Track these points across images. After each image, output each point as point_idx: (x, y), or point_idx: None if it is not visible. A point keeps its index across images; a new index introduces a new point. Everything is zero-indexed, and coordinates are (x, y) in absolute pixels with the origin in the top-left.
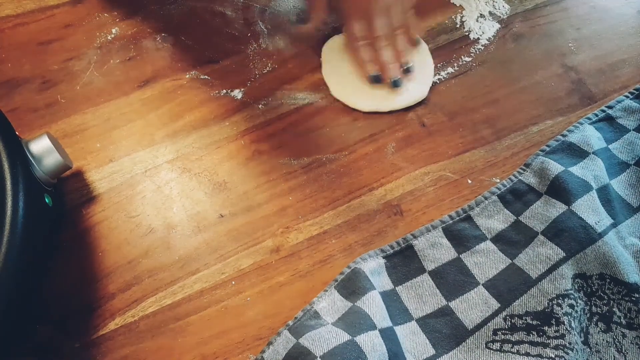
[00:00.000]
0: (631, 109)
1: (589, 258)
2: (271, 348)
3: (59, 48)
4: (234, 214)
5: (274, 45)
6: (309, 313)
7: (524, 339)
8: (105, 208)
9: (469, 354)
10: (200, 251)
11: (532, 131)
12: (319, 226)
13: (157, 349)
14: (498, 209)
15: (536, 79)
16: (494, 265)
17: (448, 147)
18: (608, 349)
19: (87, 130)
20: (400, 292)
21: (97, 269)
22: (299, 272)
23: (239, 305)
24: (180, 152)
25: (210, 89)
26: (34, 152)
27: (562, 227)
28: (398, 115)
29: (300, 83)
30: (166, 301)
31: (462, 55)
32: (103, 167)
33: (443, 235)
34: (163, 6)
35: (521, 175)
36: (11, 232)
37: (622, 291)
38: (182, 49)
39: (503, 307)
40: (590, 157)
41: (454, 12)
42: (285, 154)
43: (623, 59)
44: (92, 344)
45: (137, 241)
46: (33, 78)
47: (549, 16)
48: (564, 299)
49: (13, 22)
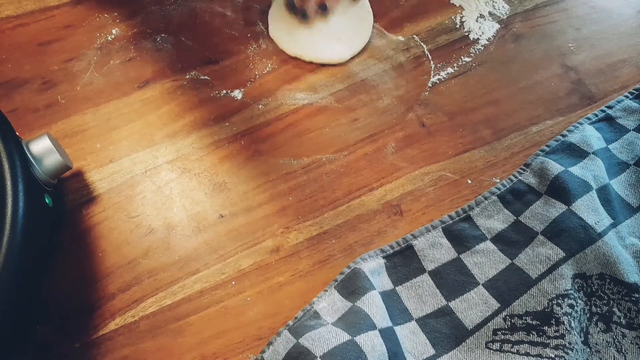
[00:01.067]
0: (631, 109)
1: (588, 258)
2: (271, 348)
3: (59, 49)
4: (234, 214)
5: (274, 46)
6: (309, 313)
7: (524, 339)
8: (106, 208)
9: (469, 354)
10: (200, 251)
11: (532, 131)
12: (319, 226)
13: (157, 349)
14: (498, 209)
15: (536, 79)
16: (494, 265)
17: (448, 147)
18: (608, 349)
19: (87, 130)
20: (400, 292)
21: (97, 269)
22: (299, 272)
23: (239, 305)
24: (180, 153)
25: (210, 89)
26: (34, 153)
27: (562, 227)
28: (398, 115)
29: (300, 83)
30: (166, 301)
31: (462, 55)
32: (103, 168)
33: (443, 235)
34: (163, 6)
35: (521, 176)
36: (11, 232)
37: (622, 291)
38: (182, 50)
39: (503, 307)
40: (590, 157)
41: (454, 13)
42: (285, 154)
43: (623, 59)
44: (92, 344)
45: (137, 241)
46: (33, 78)
47: (549, 16)
48: (563, 299)
49: (13, 22)
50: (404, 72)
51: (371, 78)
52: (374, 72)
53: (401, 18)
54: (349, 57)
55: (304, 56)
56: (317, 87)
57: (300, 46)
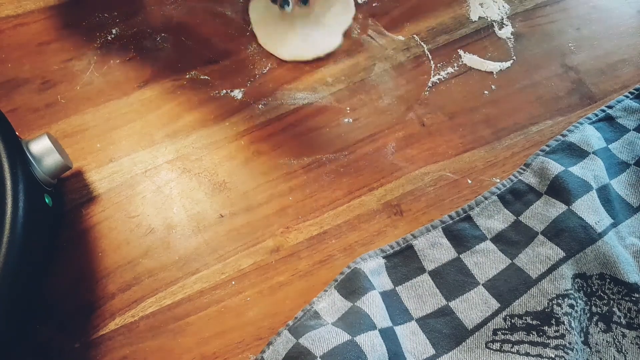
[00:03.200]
0: (631, 108)
1: (589, 258)
2: (271, 348)
3: (59, 48)
4: (234, 214)
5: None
6: (309, 313)
7: (524, 339)
8: (105, 208)
9: (469, 354)
10: (200, 251)
11: (532, 131)
12: (319, 226)
13: (157, 349)
14: (498, 209)
15: (536, 78)
16: (494, 265)
17: (448, 147)
18: (608, 349)
19: (87, 130)
20: (400, 292)
21: (97, 269)
22: (299, 272)
23: (239, 305)
24: (180, 152)
25: (210, 89)
26: (34, 153)
27: (562, 227)
28: (398, 115)
29: (300, 83)
30: (166, 301)
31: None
32: (103, 167)
33: (443, 235)
34: (163, 6)
35: (521, 175)
36: (11, 232)
37: (622, 291)
38: (182, 49)
39: (503, 307)
40: (590, 157)
41: (454, 12)
42: (285, 154)
43: (623, 59)
44: (92, 344)
45: (137, 241)
46: (33, 78)
47: (549, 16)
48: (564, 299)
49: (13, 22)
50: (404, 71)
51: (371, 78)
52: (374, 71)
53: (401, 18)
54: (342, 39)
55: (303, 57)
56: (317, 87)
57: (296, 49)
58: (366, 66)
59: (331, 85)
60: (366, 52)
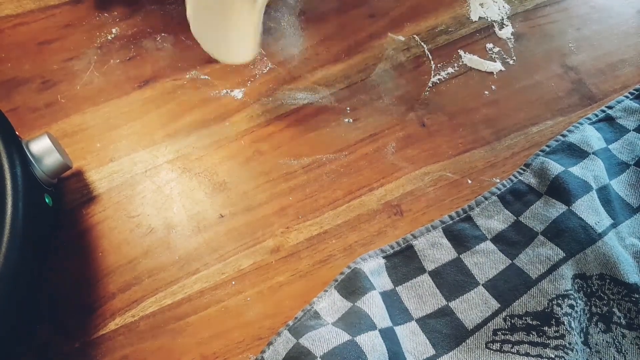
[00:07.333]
0: (631, 109)
1: (589, 258)
2: (271, 348)
3: (59, 48)
4: (234, 214)
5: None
6: (309, 313)
7: (524, 339)
8: (105, 208)
9: (469, 354)
10: (200, 251)
11: (532, 131)
12: (319, 226)
13: (157, 349)
14: (498, 209)
15: (536, 79)
16: (494, 265)
17: (448, 147)
18: (608, 349)
19: (87, 130)
20: (400, 292)
21: (97, 269)
22: (299, 272)
23: (239, 305)
24: (180, 152)
25: (210, 89)
26: (34, 152)
27: (562, 228)
28: (398, 115)
29: (300, 83)
30: (166, 301)
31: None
32: (103, 167)
33: (443, 236)
34: (163, 6)
35: (521, 176)
36: (11, 232)
37: (622, 291)
38: (182, 49)
39: (503, 307)
40: (590, 157)
41: (455, 12)
42: (285, 154)
43: (623, 59)
44: (92, 344)
45: (137, 241)
46: (33, 78)
47: (549, 16)
48: (563, 299)
49: (13, 21)
50: (405, 72)
51: (371, 78)
52: (374, 71)
53: (401, 18)
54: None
55: (216, 57)
56: (317, 87)
57: (213, 50)
58: (366, 66)
59: (331, 86)
60: (366, 52)
